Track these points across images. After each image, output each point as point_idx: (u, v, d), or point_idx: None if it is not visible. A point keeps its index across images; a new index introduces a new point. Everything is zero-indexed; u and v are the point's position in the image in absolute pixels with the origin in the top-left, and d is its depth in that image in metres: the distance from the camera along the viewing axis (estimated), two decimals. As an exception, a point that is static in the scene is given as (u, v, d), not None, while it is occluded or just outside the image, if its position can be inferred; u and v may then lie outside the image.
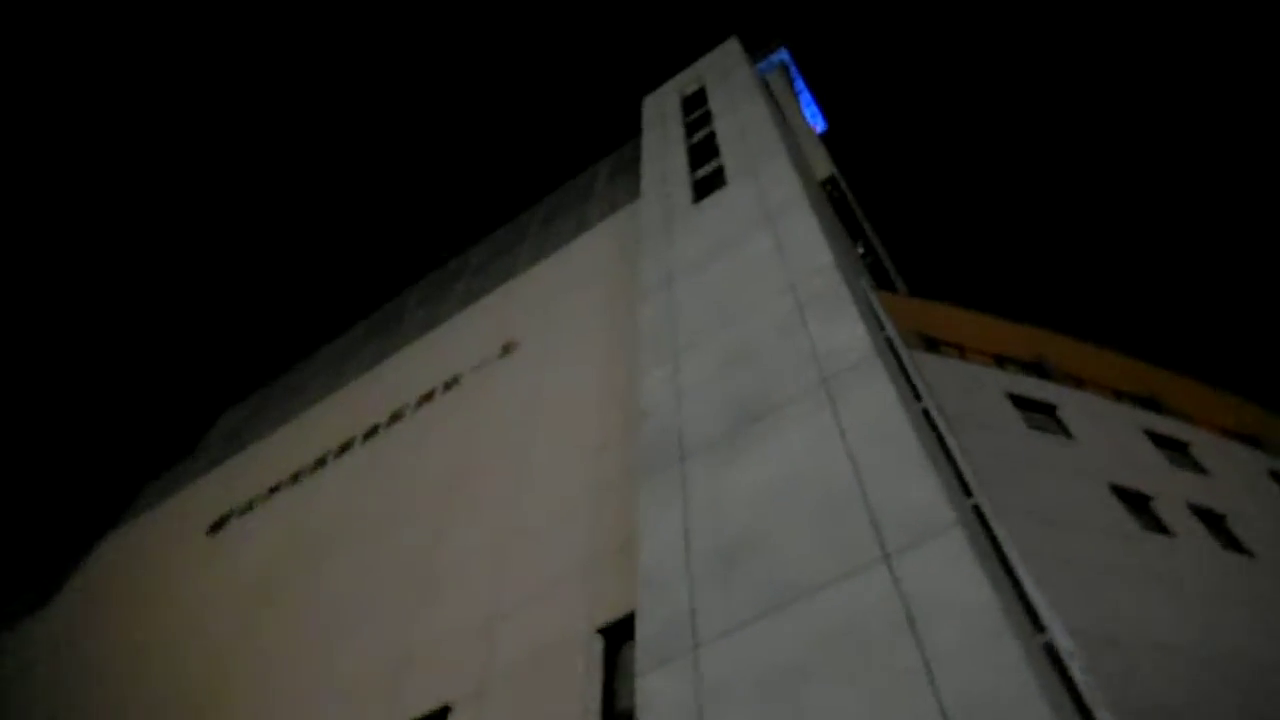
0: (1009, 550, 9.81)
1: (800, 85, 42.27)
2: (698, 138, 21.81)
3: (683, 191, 18.84)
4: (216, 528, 24.04)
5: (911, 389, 11.93)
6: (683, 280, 15.29)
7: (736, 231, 15.66)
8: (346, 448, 22.46)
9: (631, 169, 25.00)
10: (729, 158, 19.02)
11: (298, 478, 22.92)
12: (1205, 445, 16.05)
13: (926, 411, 11.63)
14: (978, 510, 10.29)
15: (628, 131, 28.63)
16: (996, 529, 10.02)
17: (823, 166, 30.08)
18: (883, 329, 13.41)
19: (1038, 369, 17.68)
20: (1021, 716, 6.37)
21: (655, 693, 8.46)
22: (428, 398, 21.58)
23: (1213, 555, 14.13)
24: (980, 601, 7.39)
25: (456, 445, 18.25)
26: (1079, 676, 8.15)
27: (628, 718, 9.65)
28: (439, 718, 11.80)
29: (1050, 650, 8.31)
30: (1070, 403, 15.87)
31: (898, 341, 13.95)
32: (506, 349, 20.56)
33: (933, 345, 17.88)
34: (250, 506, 23.58)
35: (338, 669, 14.51)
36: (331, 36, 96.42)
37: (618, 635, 10.64)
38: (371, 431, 22.23)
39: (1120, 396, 17.41)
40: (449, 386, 21.23)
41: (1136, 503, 14.57)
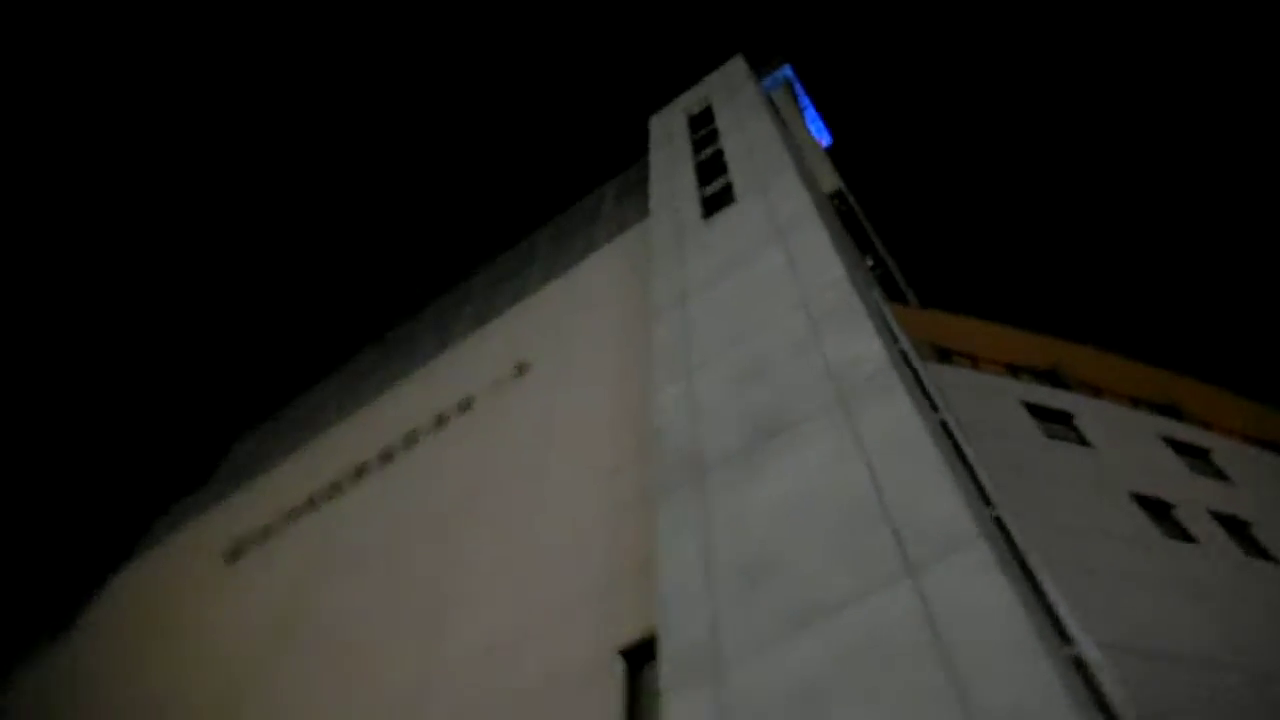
0: (1032, 561, 9.71)
1: (805, 101, 42.48)
2: (705, 155, 21.89)
3: (692, 209, 18.89)
4: (233, 556, 24.05)
5: (928, 401, 11.87)
6: (695, 297, 15.29)
7: (747, 248, 15.67)
8: (362, 472, 22.47)
9: (639, 189, 25.11)
10: (737, 175, 19.07)
11: (313, 503, 22.93)
12: (1226, 452, 15.90)
13: (944, 423, 11.56)
14: (999, 521, 10.19)
15: (634, 151, 28.80)
16: (1018, 540, 9.93)
17: (829, 180, 30.19)
18: (896, 341, 13.37)
19: (1053, 378, 17.59)
20: (1053, 732, 6.28)
21: (679, 714, 8.37)
22: (442, 420, 21.59)
23: (1237, 563, 13.96)
24: (1007, 615, 7.30)
25: (471, 467, 18.24)
26: (1109, 690, 8.03)
27: (651, 740, 9.56)
28: (460, 744, 11.75)
29: (1079, 663, 8.20)
30: (1087, 411, 15.77)
31: (912, 353, 13.90)
32: (519, 370, 20.58)
33: (946, 356, 17.83)
34: (266, 534, 23.59)
35: (355, 697, 14.43)
36: (341, 64, 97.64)
37: (639, 656, 10.54)
38: (386, 455, 22.24)
39: (1138, 404, 17.29)
40: (463, 409, 21.24)
41: (1158, 510, 14.43)
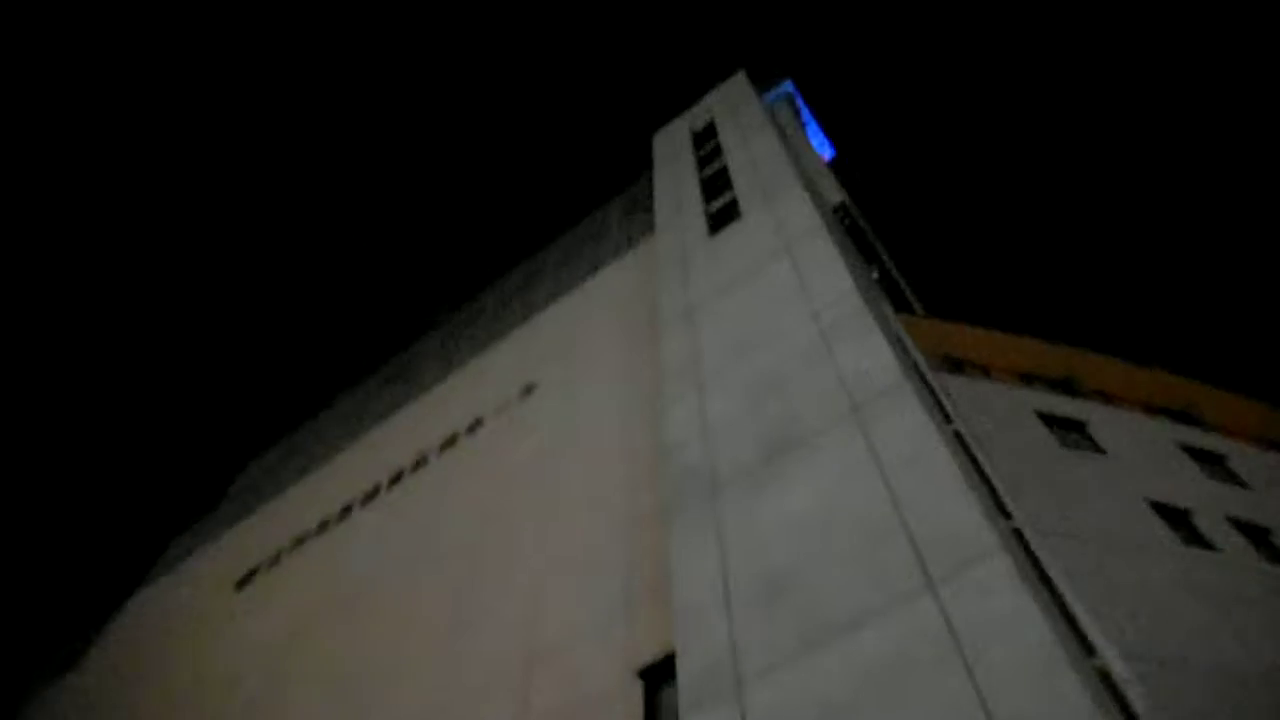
0: (1052, 572, 9.61)
1: (806, 115, 42.62)
2: (709, 171, 21.94)
3: (698, 225, 18.91)
4: (244, 582, 23.99)
5: (941, 412, 11.80)
6: (704, 313, 15.27)
7: (755, 262, 15.66)
8: (372, 496, 22.43)
9: (643, 206, 25.17)
10: (742, 190, 19.09)
11: (325, 527, 22.88)
12: (1243, 457, 15.76)
13: (958, 434, 11.50)
14: (1018, 533, 10.10)
15: (638, 167, 28.89)
16: (1038, 551, 9.83)
17: (832, 193, 30.19)
18: (907, 353, 13.32)
19: (1066, 386, 17.48)
20: (1082, 745, 6.18)
21: (700, 734, 8.28)
22: (450, 442, 21.56)
23: (1258, 569, 13.80)
24: (1030, 627, 7.21)
25: (482, 489, 18.17)
26: (1135, 701, 7.92)
27: (672, 761, 9.45)
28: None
29: (1104, 674, 8.10)
30: (1102, 419, 15.66)
31: (923, 365, 13.85)
32: (527, 390, 20.55)
33: (957, 366, 17.75)
34: (278, 559, 23.54)
35: (371, 720, 14.33)
36: (344, 86, 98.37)
37: (658, 676, 10.43)
38: (396, 478, 22.20)
39: (1152, 411, 17.16)
40: (472, 430, 21.20)
41: (1176, 518, 14.28)
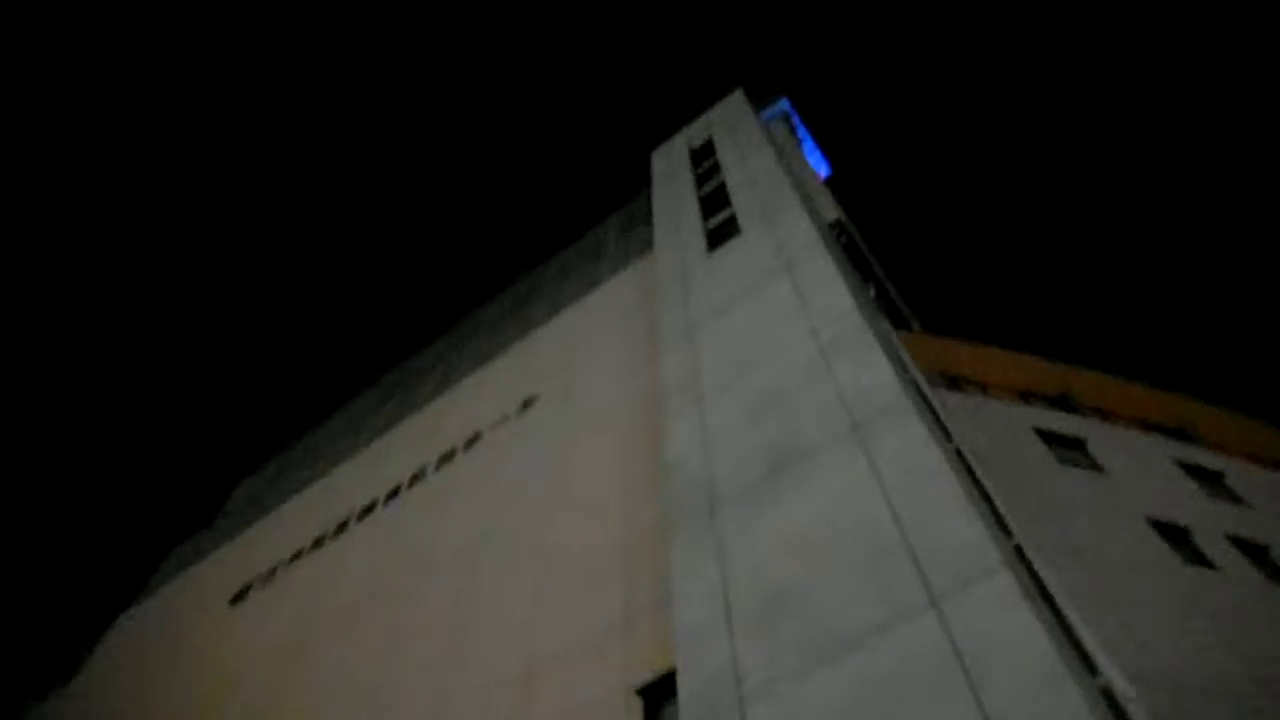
0: (1054, 590, 9.59)
1: (802, 132, 42.87)
2: (708, 189, 22.03)
3: (697, 241, 18.97)
4: (238, 599, 23.81)
5: (941, 429, 11.81)
6: (704, 329, 15.30)
7: (754, 279, 15.71)
8: (368, 511, 22.31)
9: (642, 221, 25.25)
10: (741, 207, 19.18)
11: (320, 543, 22.74)
12: (1241, 475, 15.79)
13: (959, 451, 11.50)
14: (1019, 550, 10.09)
15: (635, 184, 29.02)
16: (1040, 568, 9.81)
17: (829, 210, 30.31)
18: (907, 370, 13.34)
19: (1063, 403, 17.52)
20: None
21: (702, 754, 8.22)
22: (448, 457, 21.48)
23: (1258, 587, 13.80)
24: (1035, 646, 7.19)
25: (481, 504, 18.10)
26: (1139, 720, 7.88)
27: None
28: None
29: (1108, 694, 8.06)
30: (1100, 436, 15.70)
31: (922, 382, 13.87)
32: (526, 404, 20.52)
33: (955, 383, 17.79)
34: (272, 575, 23.37)
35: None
36: (340, 102, 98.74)
37: (658, 694, 10.37)
38: (393, 493, 22.10)
39: (1149, 428, 17.20)
40: (470, 445, 21.14)
41: (1175, 536, 14.29)
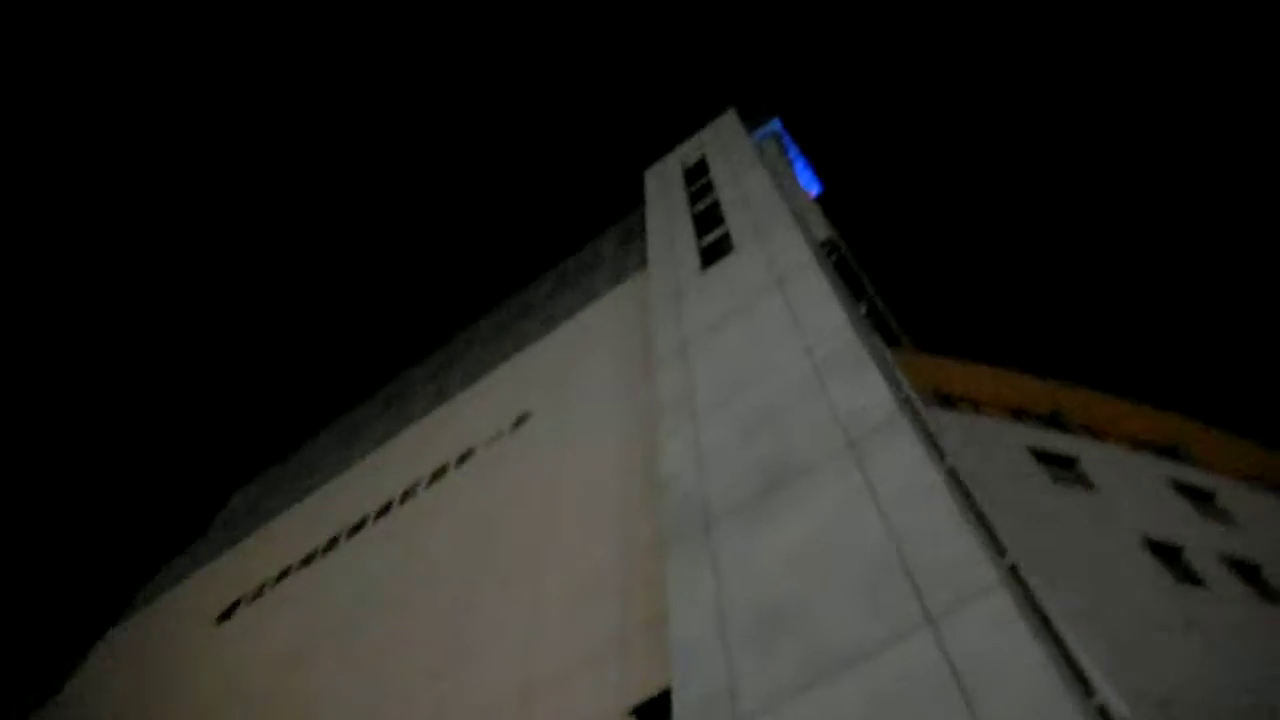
0: (1049, 609, 9.58)
1: (793, 152, 43.15)
2: (701, 207, 22.14)
3: (691, 259, 19.04)
4: (226, 615, 23.56)
5: (935, 447, 11.83)
6: (697, 346, 15.32)
7: (748, 297, 15.76)
8: (359, 527, 22.15)
9: (638, 235, 25.32)
10: (735, 225, 19.27)
11: (310, 560, 22.55)
12: (1232, 494, 15.86)
13: (953, 469, 11.51)
14: (1014, 569, 10.09)
15: (630, 199, 29.13)
16: (1035, 587, 9.81)
17: (820, 229, 30.46)
18: (901, 388, 13.38)
19: (1055, 422, 17.58)
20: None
21: (698, 774, 8.16)
22: (440, 473, 21.39)
23: (1249, 606, 13.83)
24: (1031, 663, 7.19)
25: (472, 521, 18.00)
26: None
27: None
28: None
29: (1103, 712, 8.05)
30: (1092, 455, 15.75)
31: (915, 400, 13.90)
32: (519, 421, 20.47)
33: (947, 401, 17.82)
34: (261, 592, 23.15)
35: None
36: (339, 110, 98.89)
37: (652, 714, 10.30)
38: (384, 510, 21.96)
39: (1140, 446, 17.27)
40: (462, 461, 21.06)
41: (1167, 555, 14.32)
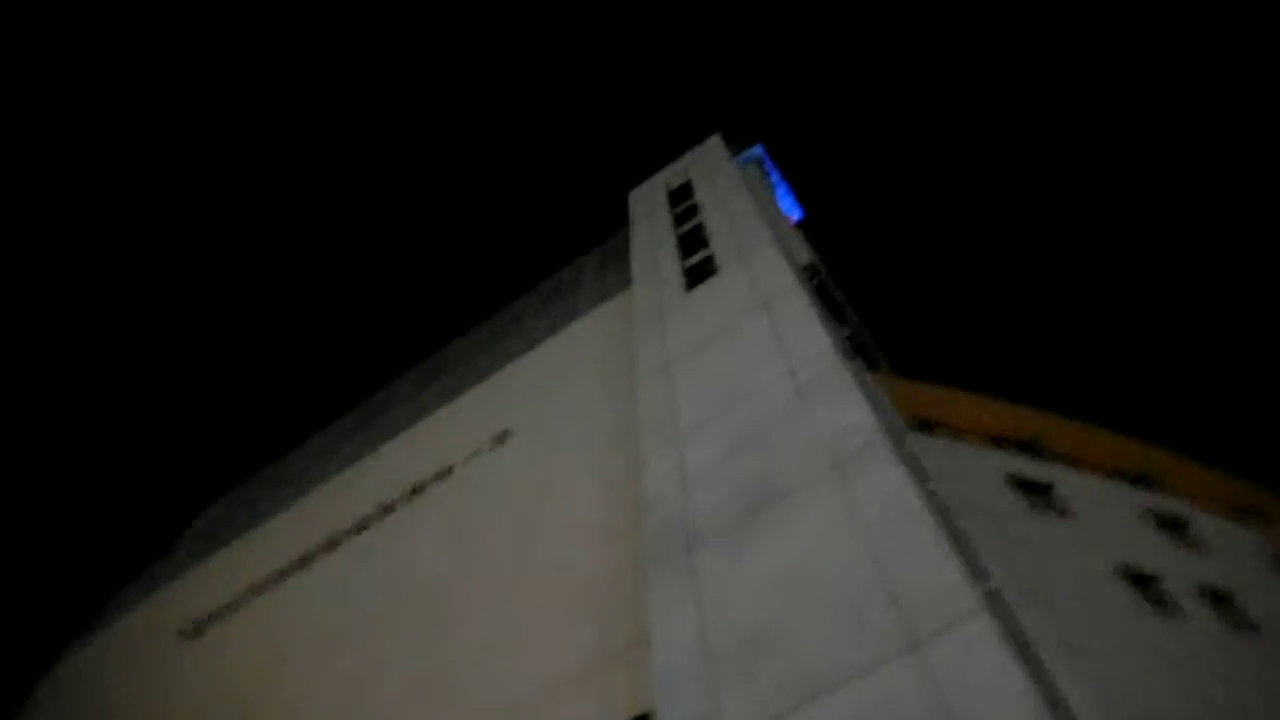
0: (1031, 635, 9.64)
1: (775, 177, 43.66)
2: (685, 229, 22.31)
3: (675, 280, 19.14)
4: (194, 634, 23.08)
5: (919, 471, 11.90)
6: (681, 367, 15.37)
7: (731, 318, 15.86)
8: (334, 544, 21.87)
9: (620, 257, 25.41)
10: (719, 247, 19.42)
11: (283, 576, 22.20)
12: (1205, 524, 16.08)
13: (935, 494, 11.59)
14: (995, 594, 10.14)
15: (614, 220, 29.27)
16: (1017, 613, 9.86)
17: (802, 254, 30.79)
18: (885, 411, 13.48)
19: (1031, 448, 17.75)
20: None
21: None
22: (418, 490, 21.20)
23: (1222, 636, 13.98)
24: (1015, 689, 7.23)
25: (450, 540, 17.85)
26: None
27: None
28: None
29: (1085, 741, 8.09)
30: (1069, 483, 15.90)
31: (897, 424, 14.00)
32: (500, 438, 20.37)
33: (926, 427, 17.95)
34: (230, 610, 22.72)
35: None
36: (323, 128, 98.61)
37: (634, 738, 10.23)
38: (360, 526, 21.70)
39: (1115, 475, 17.47)
40: (440, 478, 20.90)
41: (1141, 583, 14.46)
